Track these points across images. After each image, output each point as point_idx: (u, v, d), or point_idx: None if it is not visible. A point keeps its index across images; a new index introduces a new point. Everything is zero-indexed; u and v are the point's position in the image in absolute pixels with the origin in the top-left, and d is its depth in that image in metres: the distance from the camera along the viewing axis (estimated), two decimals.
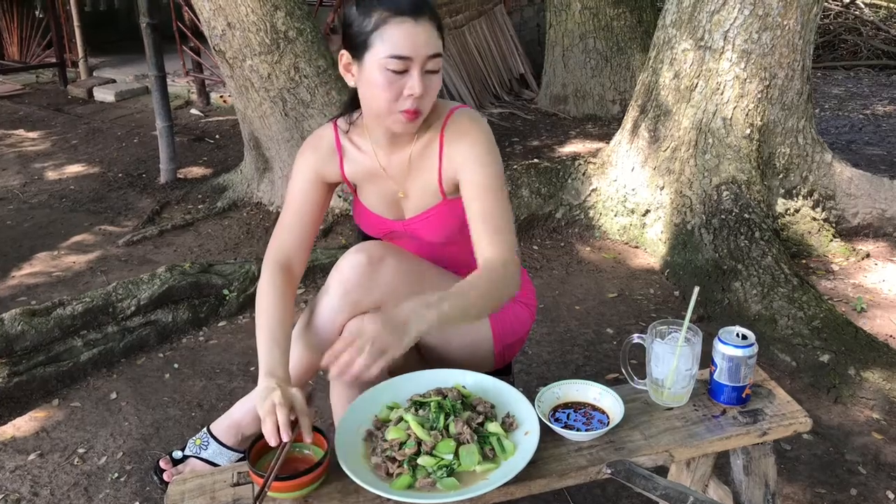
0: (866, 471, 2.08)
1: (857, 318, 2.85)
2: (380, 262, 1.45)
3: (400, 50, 1.33)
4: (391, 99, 1.36)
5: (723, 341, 1.38)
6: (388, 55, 1.33)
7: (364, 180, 1.57)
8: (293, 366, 1.48)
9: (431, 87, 1.38)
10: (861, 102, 6.24)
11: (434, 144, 1.50)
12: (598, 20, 5.48)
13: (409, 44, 1.33)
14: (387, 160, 1.52)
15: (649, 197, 3.49)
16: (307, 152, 1.55)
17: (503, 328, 1.61)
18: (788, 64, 3.25)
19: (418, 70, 1.34)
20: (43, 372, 2.47)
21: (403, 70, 1.34)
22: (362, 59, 1.37)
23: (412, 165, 1.52)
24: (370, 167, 1.54)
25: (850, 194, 3.49)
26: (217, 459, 1.53)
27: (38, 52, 7.27)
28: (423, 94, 1.36)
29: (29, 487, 2.07)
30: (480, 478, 1.21)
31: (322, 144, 1.55)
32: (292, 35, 3.55)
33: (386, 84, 1.34)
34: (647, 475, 1.28)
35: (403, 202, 1.56)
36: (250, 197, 4.06)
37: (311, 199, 1.54)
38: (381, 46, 1.33)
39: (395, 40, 1.32)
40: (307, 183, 1.54)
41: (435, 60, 1.37)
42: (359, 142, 1.54)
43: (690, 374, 1.40)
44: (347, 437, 1.27)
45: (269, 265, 1.50)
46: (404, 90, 1.35)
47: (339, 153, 1.54)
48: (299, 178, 1.55)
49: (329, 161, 1.55)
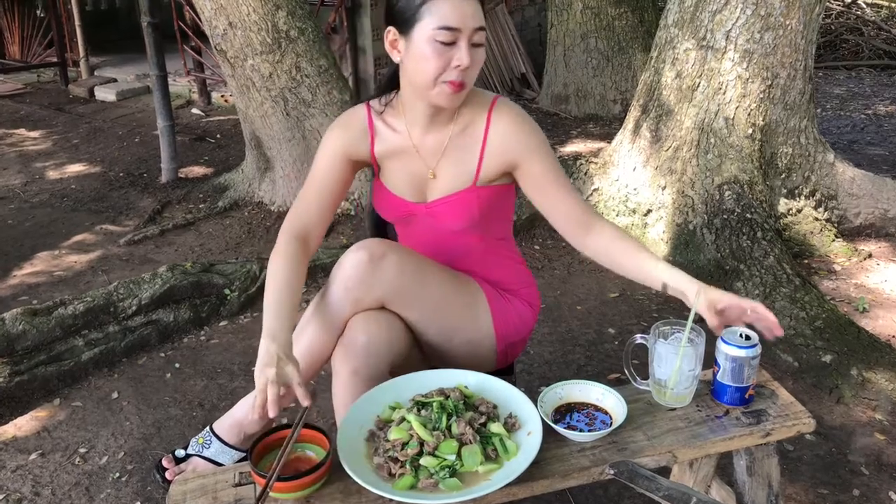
0: (869, 471, 2.08)
1: (859, 318, 2.84)
2: (381, 260, 1.45)
3: (449, 21, 1.35)
4: (439, 70, 1.38)
5: (726, 342, 1.37)
6: (437, 26, 1.36)
7: (392, 160, 1.57)
8: None
9: (477, 60, 1.41)
10: (863, 102, 6.24)
11: (478, 128, 1.51)
12: (600, 20, 5.48)
13: (457, 15, 1.36)
14: (421, 139, 1.53)
15: (651, 197, 3.48)
16: (337, 129, 1.57)
17: (506, 327, 1.61)
18: (791, 63, 3.25)
19: (466, 42, 1.37)
20: (44, 371, 2.46)
21: (452, 41, 1.37)
22: (410, 33, 1.39)
23: (450, 145, 1.52)
24: (402, 146, 1.55)
25: (852, 194, 3.48)
26: (220, 458, 1.53)
27: (40, 51, 7.27)
28: (469, 66, 1.39)
29: (30, 487, 2.06)
30: (483, 478, 1.21)
31: (353, 123, 1.57)
32: (294, 34, 3.54)
33: (434, 55, 1.37)
34: (650, 476, 1.28)
35: (431, 183, 1.56)
36: (251, 196, 4.06)
37: (335, 175, 1.56)
38: (429, 19, 1.36)
39: (444, 12, 1.35)
40: (333, 159, 1.56)
41: (480, 33, 1.39)
42: (392, 122, 1.55)
43: (693, 375, 1.39)
44: (349, 438, 1.27)
45: (285, 234, 1.52)
46: (452, 61, 1.38)
47: (370, 133, 1.56)
48: (326, 153, 1.57)
49: (360, 140, 1.56)
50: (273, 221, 3.84)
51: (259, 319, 2.90)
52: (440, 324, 1.54)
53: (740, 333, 1.39)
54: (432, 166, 1.54)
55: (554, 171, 1.52)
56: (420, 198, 1.58)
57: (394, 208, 1.61)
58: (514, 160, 1.51)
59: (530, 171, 1.51)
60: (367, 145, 1.56)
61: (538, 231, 3.61)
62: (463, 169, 1.53)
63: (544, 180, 1.52)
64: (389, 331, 1.46)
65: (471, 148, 1.52)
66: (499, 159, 1.51)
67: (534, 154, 1.51)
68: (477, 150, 1.52)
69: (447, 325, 1.54)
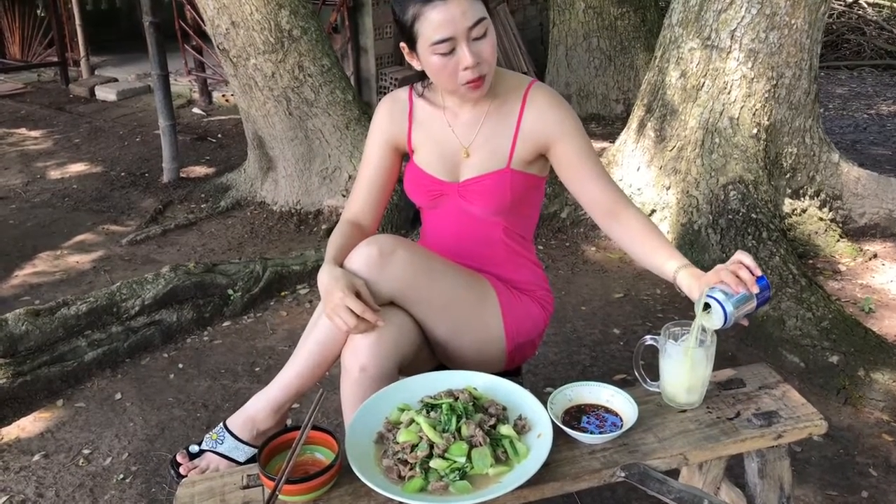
0: (877, 473, 2.07)
1: (865, 319, 2.83)
2: (391, 256, 1.45)
3: (439, 33, 1.38)
4: (450, 77, 1.43)
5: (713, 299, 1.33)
6: (431, 42, 1.39)
7: (428, 139, 1.60)
8: (306, 360, 1.48)
9: (484, 51, 1.42)
10: (865, 102, 6.23)
11: (513, 108, 1.54)
12: (602, 19, 5.47)
13: (446, 24, 1.37)
14: (455, 118, 1.57)
15: (655, 197, 3.47)
16: (382, 112, 1.64)
17: (516, 326, 1.60)
18: (796, 63, 3.23)
19: (465, 43, 1.39)
20: (47, 372, 2.45)
21: (451, 50, 1.40)
22: (415, 49, 1.45)
23: (485, 123, 1.55)
24: (438, 125, 1.59)
25: (856, 194, 3.47)
26: (233, 454, 1.52)
27: (40, 50, 7.26)
28: (477, 62, 1.41)
29: (34, 489, 2.05)
30: (493, 481, 1.20)
31: (396, 106, 1.63)
32: (297, 34, 3.53)
33: (441, 66, 1.42)
34: (661, 479, 1.27)
35: (464, 162, 1.57)
36: (254, 196, 4.05)
37: (382, 164, 1.64)
38: (424, 35, 1.40)
39: (433, 26, 1.38)
40: (379, 149, 1.64)
41: (478, 27, 1.40)
42: (432, 101, 1.60)
43: (704, 377, 1.38)
44: (358, 440, 1.26)
45: (342, 218, 1.66)
46: (459, 66, 1.41)
47: (409, 116, 1.61)
48: (372, 143, 1.65)
49: (400, 123, 1.62)
50: (275, 221, 3.82)
51: (262, 320, 2.90)
52: (449, 321, 1.53)
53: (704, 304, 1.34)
54: (466, 145, 1.56)
55: (587, 153, 1.53)
56: (453, 177, 1.59)
57: (425, 187, 1.62)
58: (548, 141, 1.53)
59: (564, 152, 1.53)
60: (404, 127, 1.61)
61: (542, 231, 3.59)
62: (497, 149, 1.55)
63: (577, 162, 1.53)
64: (398, 328, 1.45)
65: (505, 128, 1.54)
66: (533, 140, 1.53)
67: (567, 136, 1.52)
68: (511, 131, 1.54)
69: (456, 323, 1.54)
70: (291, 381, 1.50)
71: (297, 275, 3.14)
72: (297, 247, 3.55)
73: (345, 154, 3.79)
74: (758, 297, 1.35)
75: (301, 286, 3.13)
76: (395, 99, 1.64)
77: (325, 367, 1.49)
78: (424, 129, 1.60)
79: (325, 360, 1.48)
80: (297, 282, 3.14)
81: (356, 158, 3.78)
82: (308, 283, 3.14)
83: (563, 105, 1.55)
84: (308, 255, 3.26)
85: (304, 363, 1.48)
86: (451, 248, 1.63)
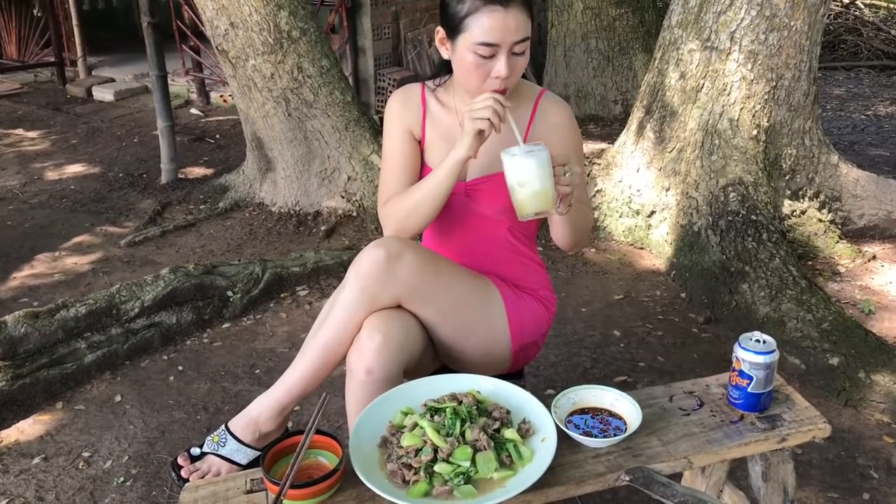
0: (878, 475, 2.07)
1: (864, 320, 2.83)
2: (398, 258, 1.45)
3: (489, 38, 1.41)
4: (480, 79, 1.46)
5: (746, 348, 1.36)
6: (477, 42, 1.41)
7: (439, 136, 1.62)
8: (311, 362, 1.47)
9: (517, 67, 1.47)
10: (862, 103, 6.24)
11: (523, 115, 1.59)
12: (601, 20, 5.47)
13: (498, 31, 1.40)
14: None
15: (655, 198, 3.47)
16: (395, 104, 1.65)
17: (521, 326, 1.60)
18: (795, 65, 3.24)
19: (505, 54, 1.43)
20: (46, 374, 2.44)
21: (491, 55, 1.43)
22: (455, 39, 1.46)
23: None
24: (450, 123, 1.61)
25: (856, 196, 3.48)
26: (235, 456, 1.52)
27: (37, 50, 7.23)
28: (509, 75, 1.44)
29: (34, 492, 2.04)
30: (498, 485, 1.19)
31: (410, 99, 1.65)
32: (296, 35, 3.53)
33: (475, 66, 1.44)
34: (665, 482, 1.27)
35: (472, 162, 1.58)
36: (252, 197, 4.04)
37: (407, 151, 1.64)
38: (471, 32, 1.42)
39: (485, 28, 1.40)
40: (399, 137, 1.64)
41: (523, 44, 1.44)
42: (444, 99, 1.64)
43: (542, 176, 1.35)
44: (362, 444, 1.26)
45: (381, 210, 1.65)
46: (492, 72, 1.44)
47: (423, 110, 1.64)
48: (393, 134, 1.64)
49: (414, 114, 1.64)
50: (274, 223, 3.82)
51: (262, 322, 2.89)
52: (456, 322, 1.53)
53: (755, 339, 1.38)
54: None
55: (579, 177, 1.54)
56: (460, 176, 1.58)
57: None
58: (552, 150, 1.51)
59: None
60: (418, 119, 1.63)
61: (542, 232, 3.59)
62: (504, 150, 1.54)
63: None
64: (405, 331, 1.45)
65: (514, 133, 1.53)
66: None
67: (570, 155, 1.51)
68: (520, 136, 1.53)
69: (463, 324, 1.54)
70: (296, 384, 1.50)
71: (297, 276, 3.13)
72: (297, 248, 3.54)
73: (344, 155, 3.78)
74: None
75: (300, 287, 3.12)
76: (408, 91, 1.66)
77: (329, 370, 1.49)
78: (436, 126, 1.62)
79: (330, 363, 1.48)
80: (297, 283, 3.13)
81: (355, 159, 3.77)
82: (308, 284, 3.14)
83: (574, 122, 1.62)
84: (307, 256, 3.25)
85: (309, 365, 1.48)
86: (456, 246, 1.64)
